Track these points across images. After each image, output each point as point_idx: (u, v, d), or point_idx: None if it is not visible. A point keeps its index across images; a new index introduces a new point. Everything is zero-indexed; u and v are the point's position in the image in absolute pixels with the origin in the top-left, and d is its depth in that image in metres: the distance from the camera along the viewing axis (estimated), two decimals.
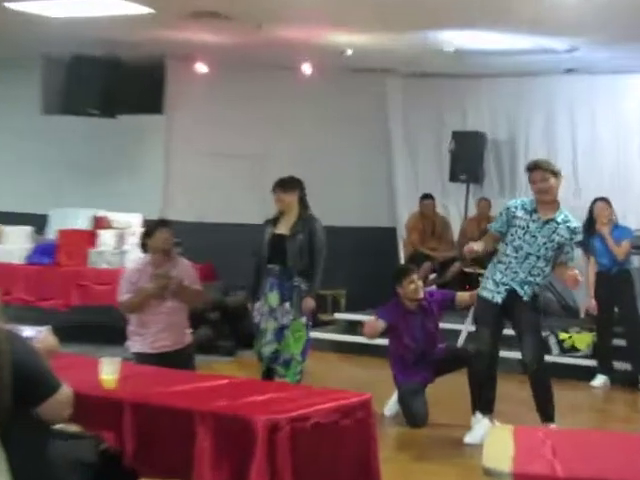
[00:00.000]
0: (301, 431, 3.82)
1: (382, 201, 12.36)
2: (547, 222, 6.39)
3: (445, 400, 7.48)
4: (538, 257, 6.41)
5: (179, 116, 11.69)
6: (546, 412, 6.48)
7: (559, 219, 6.41)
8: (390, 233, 12.14)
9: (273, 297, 7.20)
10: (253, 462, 3.65)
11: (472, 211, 11.74)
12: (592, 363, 9.17)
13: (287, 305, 7.17)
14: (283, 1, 7.79)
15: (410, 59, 10.73)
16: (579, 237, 6.66)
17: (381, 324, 7.18)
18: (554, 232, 6.41)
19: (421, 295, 7.22)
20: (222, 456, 3.79)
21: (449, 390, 7.48)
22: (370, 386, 5.55)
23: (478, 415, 6.70)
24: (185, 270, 6.46)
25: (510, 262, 6.46)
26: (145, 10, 8.09)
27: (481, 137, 11.76)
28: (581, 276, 6.48)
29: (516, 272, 6.46)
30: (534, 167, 6.43)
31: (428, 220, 11.57)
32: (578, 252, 7.84)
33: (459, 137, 11.65)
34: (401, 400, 7.28)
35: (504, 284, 6.48)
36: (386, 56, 10.59)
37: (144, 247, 6.47)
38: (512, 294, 6.46)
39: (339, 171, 11.73)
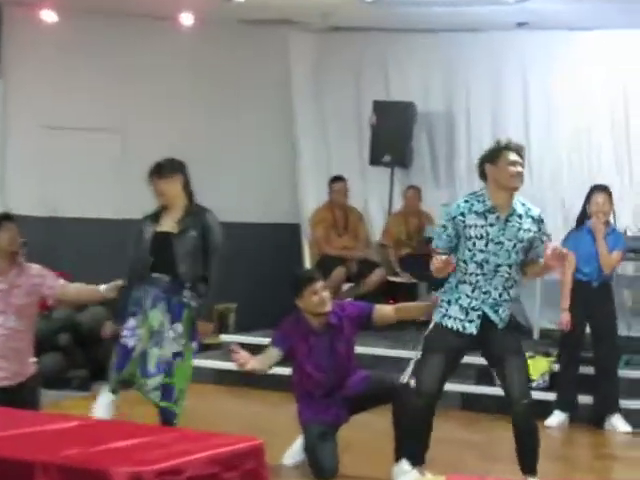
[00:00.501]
0: None
1: (283, 190, 12.50)
2: (508, 219, 6.41)
3: (361, 445, 7.47)
4: (510, 265, 6.43)
5: (18, 78, 11.50)
6: (530, 463, 6.48)
7: (519, 210, 6.44)
8: (293, 231, 12.22)
9: (157, 316, 7.06)
10: None
11: (398, 203, 11.84)
12: (548, 396, 9.19)
13: (179, 327, 7.06)
14: None
15: (320, 9, 10.77)
16: (545, 225, 6.61)
17: (274, 354, 7.10)
18: (519, 229, 6.43)
19: (328, 309, 7.07)
20: None
21: (367, 432, 7.51)
22: (264, 428, 5.56)
23: (404, 465, 6.68)
24: (37, 276, 6.41)
25: (477, 281, 6.46)
26: None
27: (409, 108, 11.85)
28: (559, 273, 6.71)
29: (487, 292, 6.48)
30: (507, 146, 6.44)
31: (339, 211, 11.58)
32: None
33: (382, 108, 11.72)
34: (306, 445, 7.21)
35: (475, 309, 6.49)
36: (289, 4, 10.62)
37: None
38: (485, 321, 6.47)
39: (226, 152, 11.86)
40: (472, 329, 6.44)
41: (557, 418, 9.02)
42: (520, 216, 6.39)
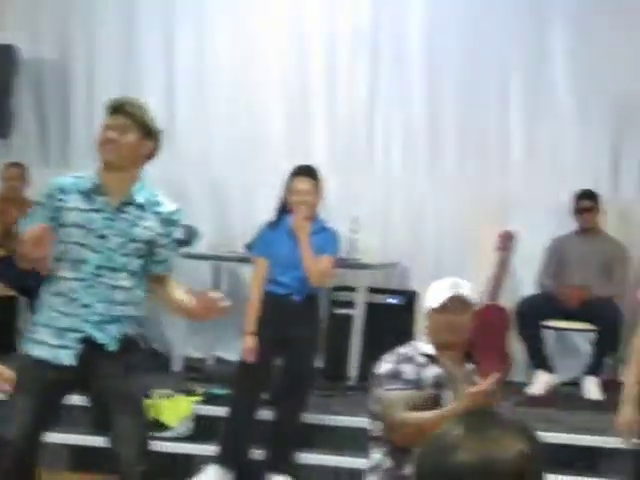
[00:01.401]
0: None
1: None
2: (121, 209, 5.72)
3: None
4: (115, 270, 5.71)
5: None
6: None
7: (140, 199, 5.75)
8: None
9: None
10: None
11: None
12: (194, 449, 8.20)
13: None
14: None
15: None
16: (178, 229, 6.18)
17: None
18: (134, 224, 5.75)
19: None
20: None
21: None
22: None
23: None
24: None
25: (74, 289, 5.68)
26: None
27: (9, 54, 10.53)
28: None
29: (87, 305, 5.70)
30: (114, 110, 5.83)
31: None
32: None
33: None
34: None
35: (73, 330, 5.67)
36: None
37: None
38: (88, 346, 5.70)
39: None
40: (68, 359, 5.70)
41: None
42: (141, 207, 5.80)
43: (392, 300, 9.77)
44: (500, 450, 2.29)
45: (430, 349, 5.34)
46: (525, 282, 10.01)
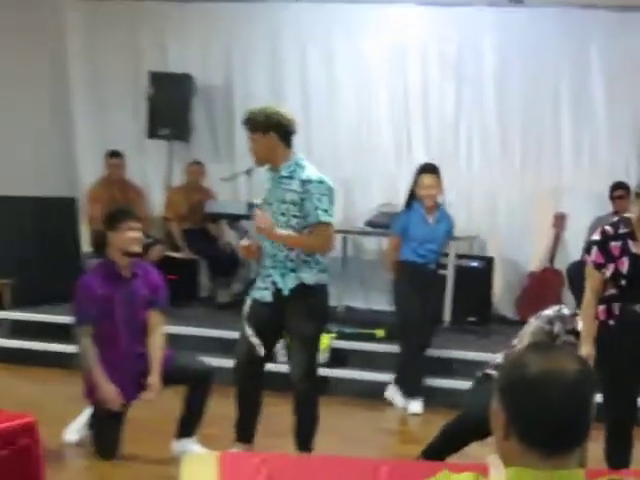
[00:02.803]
0: None
1: (58, 164, 12.11)
2: (278, 178, 6.44)
3: (142, 423, 7.31)
4: (282, 227, 6.35)
5: None
6: (306, 442, 6.56)
7: (284, 172, 6.41)
8: (67, 205, 11.73)
9: None
10: None
11: (178, 178, 11.86)
12: (332, 373, 9.23)
13: None
14: None
15: None
16: (315, 187, 6.43)
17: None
18: (287, 189, 6.42)
19: (138, 249, 6.96)
20: None
21: (148, 410, 7.29)
22: (41, 405, 5.37)
23: (185, 442, 6.81)
24: None
25: (265, 245, 6.49)
26: None
27: (188, 80, 11.76)
28: None
29: (273, 255, 6.45)
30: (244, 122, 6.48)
31: (116, 187, 11.54)
32: None
33: (159, 80, 11.63)
34: (93, 423, 7.03)
35: (268, 276, 6.47)
36: None
37: None
38: (276, 290, 6.44)
39: None
40: (268, 297, 6.43)
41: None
42: (288, 177, 6.40)
43: (474, 264, 10.71)
44: (564, 367, 2.56)
45: None
46: (573, 251, 10.70)
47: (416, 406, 8.86)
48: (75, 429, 7.17)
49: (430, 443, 6.31)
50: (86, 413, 7.14)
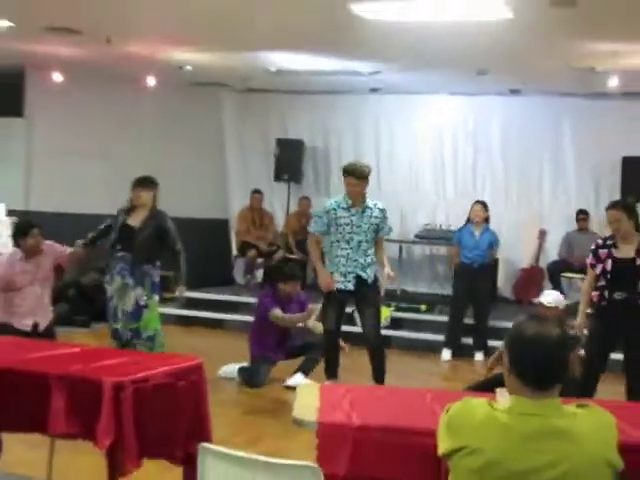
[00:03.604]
0: (143, 391, 3.75)
1: (217, 197, 12.14)
2: (364, 210, 6.45)
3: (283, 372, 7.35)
4: (367, 241, 6.44)
5: (38, 119, 11.20)
6: (380, 376, 6.51)
7: (370, 205, 6.51)
8: (223, 224, 12.03)
9: (124, 281, 6.74)
10: (101, 417, 3.60)
11: (293, 207, 11.58)
12: (391, 333, 9.09)
13: (139, 289, 6.70)
14: (130, 19, 7.54)
15: (241, 76, 10.59)
16: (386, 214, 6.68)
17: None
18: (371, 216, 6.47)
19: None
20: (74, 413, 3.71)
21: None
22: (205, 353, 5.51)
23: (298, 377, 6.87)
24: (51, 251, 6.27)
25: (348, 253, 6.45)
26: (5, 24, 7.73)
27: (300, 144, 11.69)
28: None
29: (356, 260, 6.45)
30: (350, 173, 6.43)
31: (256, 212, 11.41)
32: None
33: (282, 144, 11.55)
34: (252, 362, 7.15)
35: (350, 272, 6.45)
36: (221, 73, 10.46)
37: (17, 244, 6.25)
38: (358, 280, 6.42)
39: (180, 172, 11.33)
40: (350, 286, 6.48)
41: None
42: (371, 208, 6.47)
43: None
44: (549, 331, 2.46)
45: None
46: (552, 254, 10.58)
47: (447, 355, 8.88)
48: (228, 370, 7.30)
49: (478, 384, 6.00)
50: (234, 364, 7.26)
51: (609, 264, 5.82)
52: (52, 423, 3.69)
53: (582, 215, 10.39)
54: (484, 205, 9.06)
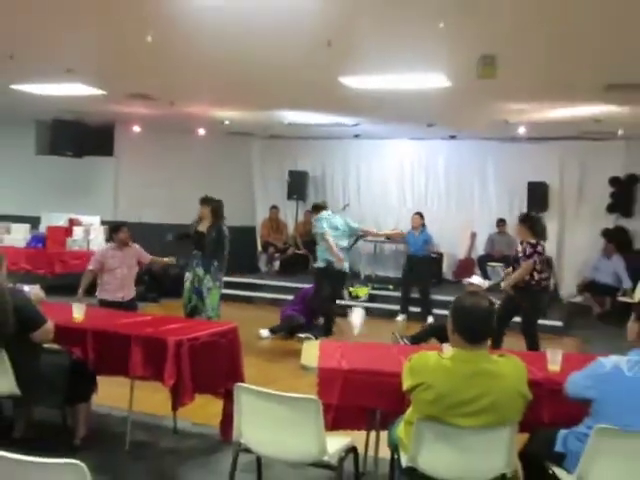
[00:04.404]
0: (195, 346, 3.70)
1: (247, 210, 11.74)
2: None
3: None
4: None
5: (123, 158, 11.10)
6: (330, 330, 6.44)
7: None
8: (251, 229, 11.84)
9: (198, 271, 6.60)
10: (166, 365, 3.57)
11: (300, 218, 11.32)
12: (370, 305, 8.83)
13: (208, 276, 6.54)
14: (187, 88, 7.45)
15: (264, 127, 10.38)
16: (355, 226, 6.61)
17: None
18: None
19: None
20: (148, 361, 3.68)
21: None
22: (241, 319, 5.40)
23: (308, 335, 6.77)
24: (137, 251, 6.16)
25: (342, 248, 6.52)
26: (100, 92, 7.71)
27: (306, 174, 11.44)
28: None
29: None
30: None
31: (274, 222, 11.20)
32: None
33: (293, 174, 11.29)
34: (285, 319, 7.11)
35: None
36: (250, 125, 10.28)
37: (111, 238, 6.13)
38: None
39: (221, 193, 10.62)
40: (347, 268, 6.50)
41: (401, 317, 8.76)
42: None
43: (434, 256, 9.72)
44: (481, 303, 2.41)
45: None
46: (480, 249, 10.39)
47: (401, 317, 8.71)
48: (266, 332, 7.19)
49: (416, 334, 6.01)
50: (267, 330, 7.08)
51: (536, 258, 5.73)
52: (132, 369, 3.68)
53: (501, 222, 10.20)
54: (421, 215, 8.88)
